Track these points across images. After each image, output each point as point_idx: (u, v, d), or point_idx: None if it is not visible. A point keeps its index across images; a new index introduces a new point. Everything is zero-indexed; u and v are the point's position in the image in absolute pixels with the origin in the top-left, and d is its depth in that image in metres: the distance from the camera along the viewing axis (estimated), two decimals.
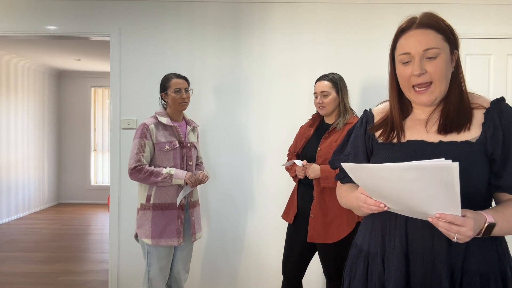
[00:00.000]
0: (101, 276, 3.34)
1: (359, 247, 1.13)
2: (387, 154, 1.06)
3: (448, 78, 1.00)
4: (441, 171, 0.79)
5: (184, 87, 2.16)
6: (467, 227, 0.84)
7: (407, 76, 1.01)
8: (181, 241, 2.11)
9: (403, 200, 0.91)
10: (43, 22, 2.86)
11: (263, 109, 2.90)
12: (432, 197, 0.85)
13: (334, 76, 2.06)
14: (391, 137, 1.08)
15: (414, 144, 1.02)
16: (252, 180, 2.92)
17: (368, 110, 1.21)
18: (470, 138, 0.97)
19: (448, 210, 0.85)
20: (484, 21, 2.83)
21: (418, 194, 0.86)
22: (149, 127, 2.09)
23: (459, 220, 0.84)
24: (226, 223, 2.92)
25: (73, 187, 6.88)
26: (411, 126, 1.07)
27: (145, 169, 2.04)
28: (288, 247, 2.14)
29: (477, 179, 0.95)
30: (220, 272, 2.93)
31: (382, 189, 0.92)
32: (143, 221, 2.10)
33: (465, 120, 0.98)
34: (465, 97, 1.01)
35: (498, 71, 2.85)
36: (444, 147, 0.98)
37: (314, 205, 1.97)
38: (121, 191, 2.90)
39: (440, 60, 0.97)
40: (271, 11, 2.88)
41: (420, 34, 0.98)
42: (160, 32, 2.88)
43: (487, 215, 0.90)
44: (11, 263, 3.69)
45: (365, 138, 1.15)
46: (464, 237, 0.86)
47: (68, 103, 6.88)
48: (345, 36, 2.87)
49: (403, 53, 1.00)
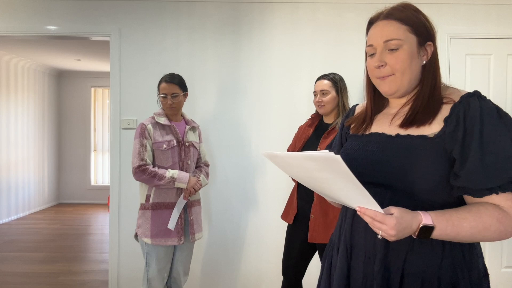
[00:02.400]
0: (101, 276, 3.34)
1: (331, 239, 1.15)
2: (348, 145, 1.08)
3: (413, 70, 0.95)
4: (330, 163, 0.77)
5: (171, 92, 2.12)
6: (388, 226, 0.81)
7: (371, 68, 1.00)
8: (181, 241, 2.11)
9: (327, 191, 0.91)
10: (43, 22, 2.86)
11: (263, 109, 2.90)
12: (345, 190, 0.83)
13: (335, 76, 2.07)
14: (360, 129, 1.08)
15: (374, 136, 1.02)
16: (252, 180, 2.92)
17: (354, 106, 1.23)
18: (429, 133, 0.92)
19: (368, 204, 0.82)
20: (484, 21, 2.83)
21: (331, 186, 0.85)
22: (147, 126, 2.10)
23: (378, 217, 0.81)
24: (226, 223, 2.92)
25: (73, 187, 6.88)
26: (379, 119, 1.06)
27: (149, 170, 2.04)
28: (288, 247, 2.14)
29: (430, 176, 0.88)
30: (220, 272, 2.93)
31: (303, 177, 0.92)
32: (143, 220, 2.11)
33: (429, 115, 0.93)
34: (437, 91, 0.96)
35: (498, 71, 2.85)
36: (398, 140, 0.95)
37: (314, 206, 1.97)
38: (121, 191, 2.90)
39: (402, 52, 0.93)
40: (271, 11, 2.88)
41: (383, 25, 0.96)
42: (160, 32, 2.88)
43: (425, 216, 0.84)
44: (11, 263, 3.69)
45: (341, 131, 1.19)
46: (388, 236, 0.82)
47: (68, 103, 6.88)
48: (345, 36, 2.87)
49: (368, 45, 0.99)
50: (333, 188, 0.87)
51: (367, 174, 0.97)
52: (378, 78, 0.99)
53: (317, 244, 2.01)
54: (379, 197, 0.91)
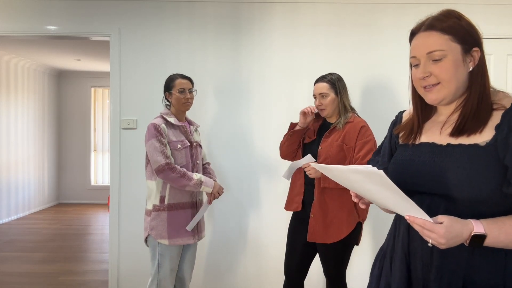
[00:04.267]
0: (101, 276, 3.34)
1: (383, 248, 1.14)
2: (400, 156, 1.07)
3: (459, 78, 0.94)
4: (374, 177, 0.81)
5: (188, 87, 2.16)
6: (437, 234, 0.82)
7: (416, 79, 1.00)
8: (196, 239, 2.17)
9: (379, 199, 0.93)
10: (43, 22, 2.86)
11: (263, 109, 2.90)
12: (392, 199, 0.85)
13: (332, 76, 2.05)
14: (410, 138, 1.07)
15: (425, 146, 1.01)
16: (253, 180, 2.91)
17: (400, 112, 1.21)
18: (480, 141, 0.91)
19: (417, 213, 0.84)
20: (484, 21, 2.83)
21: (380, 195, 0.88)
22: (160, 126, 2.06)
23: (427, 225, 0.83)
24: (229, 223, 2.92)
25: (73, 187, 6.88)
26: (428, 128, 1.05)
27: (178, 169, 2.00)
28: (290, 248, 2.14)
29: (484, 185, 0.87)
30: (222, 272, 2.92)
31: (358, 188, 0.95)
32: (157, 222, 2.06)
33: (480, 122, 0.92)
34: (487, 97, 0.95)
35: (498, 71, 2.85)
36: (449, 150, 0.94)
37: (314, 205, 1.97)
38: (121, 191, 2.90)
39: (447, 62, 0.93)
40: (271, 11, 2.88)
41: (424, 37, 0.96)
42: (160, 32, 2.88)
43: (477, 224, 0.84)
44: (11, 263, 3.69)
45: (390, 139, 1.17)
46: (438, 244, 0.83)
47: (68, 103, 6.88)
48: (345, 36, 2.87)
49: (412, 56, 1.00)
50: (382, 196, 0.89)
51: (419, 184, 0.97)
52: (423, 88, 0.99)
53: (317, 244, 2.01)
54: (433, 206, 0.93)
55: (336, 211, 1.93)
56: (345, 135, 1.95)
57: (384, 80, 2.83)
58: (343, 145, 1.94)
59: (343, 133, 1.96)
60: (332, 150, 1.94)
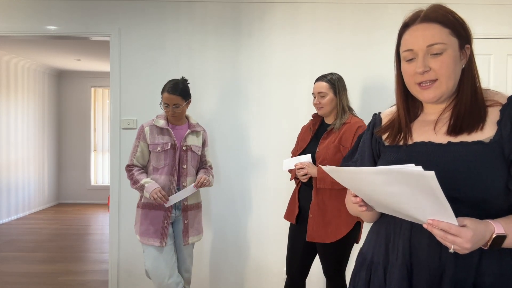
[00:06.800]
0: (101, 276, 3.34)
1: (364, 254, 1.07)
2: (393, 157, 1.00)
3: (456, 75, 0.91)
4: (418, 179, 0.74)
5: (173, 103, 2.12)
6: (464, 239, 0.76)
7: (411, 74, 0.94)
8: (163, 243, 2.12)
9: (392, 204, 0.86)
10: (43, 22, 2.86)
11: (263, 109, 2.90)
12: (418, 202, 0.79)
13: (332, 76, 2.06)
14: (398, 139, 1.01)
15: (421, 145, 0.95)
16: (252, 181, 2.91)
17: (377, 114, 1.15)
18: (483, 138, 0.87)
19: (442, 216, 0.78)
20: (484, 21, 2.83)
21: (402, 199, 0.81)
22: (144, 129, 2.18)
23: (453, 229, 0.77)
24: (227, 224, 2.92)
25: (73, 187, 6.88)
26: (419, 128, 1.00)
27: (131, 172, 2.17)
28: (292, 247, 2.15)
29: (492, 184, 0.84)
30: (222, 272, 2.92)
31: (367, 192, 0.89)
32: (136, 218, 2.25)
33: (477, 119, 0.89)
34: (479, 94, 0.92)
35: (498, 71, 2.85)
36: (453, 148, 0.90)
37: (312, 205, 1.98)
38: (121, 191, 2.90)
39: (446, 56, 0.89)
40: (271, 11, 2.88)
41: (424, 28, 0.91)
42: (160, 32, 2.88)
43: (496, 225, 0.80)
44: (11, 263, 3.69)
45: (371, 142, 1.10)
46: (462, 249, 0.78)
47: (68, 103, 6.88)
48: (345, 36, 2.87)
49: (407, 49, 0.93)
50: (401, 200, 0.82)
51: None
52: (419, 85, 0.93)
53: (317, 243, 2.01)
54: None
55: (334, 211, 1.94)
56: (342, 136, 1.96)
57: (384, 79, 2.83)
58: (339, 146, 1.95)
59: (340, 134, 1.97)
60: (329, 152, 1.95)
